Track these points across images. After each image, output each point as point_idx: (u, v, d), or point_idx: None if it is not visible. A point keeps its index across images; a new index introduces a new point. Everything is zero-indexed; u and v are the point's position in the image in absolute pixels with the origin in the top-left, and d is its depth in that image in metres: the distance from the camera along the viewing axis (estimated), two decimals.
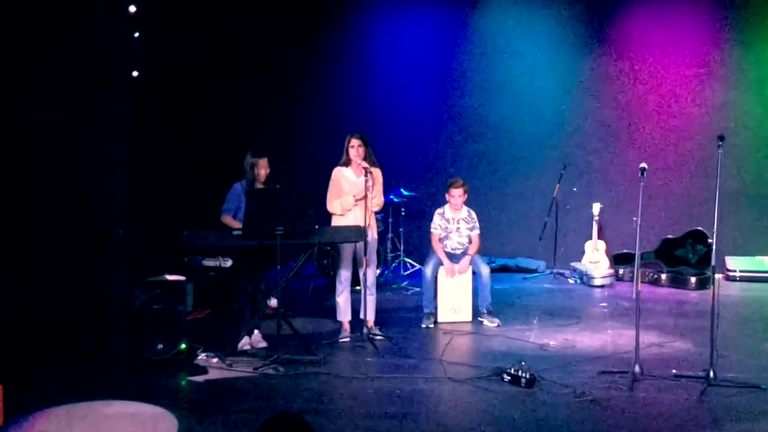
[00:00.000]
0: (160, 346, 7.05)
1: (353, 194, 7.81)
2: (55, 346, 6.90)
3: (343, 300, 8.01)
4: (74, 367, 6.81)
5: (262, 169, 7.53)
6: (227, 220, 7.47)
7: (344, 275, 7.98)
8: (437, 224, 8.78)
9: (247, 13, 11.86)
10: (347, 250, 7.94)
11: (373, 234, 7.98)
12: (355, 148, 7.80)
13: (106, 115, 7.64)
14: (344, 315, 8.02)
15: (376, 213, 8.12)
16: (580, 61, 12.31)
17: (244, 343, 7.48)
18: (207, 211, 8.01)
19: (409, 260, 11.85)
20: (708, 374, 6.27)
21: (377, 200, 7.90)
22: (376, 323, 8.06)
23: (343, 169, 7.94)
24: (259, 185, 7.52)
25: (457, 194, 8.65)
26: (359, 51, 12.51)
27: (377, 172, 7.88)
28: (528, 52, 12.36)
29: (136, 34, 8.23)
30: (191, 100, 10.60)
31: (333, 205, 7.87)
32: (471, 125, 12.58)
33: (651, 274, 11.14)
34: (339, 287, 8.02)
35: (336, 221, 7.88)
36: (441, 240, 8.75)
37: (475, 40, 12.53)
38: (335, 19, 12.43)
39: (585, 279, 11.14)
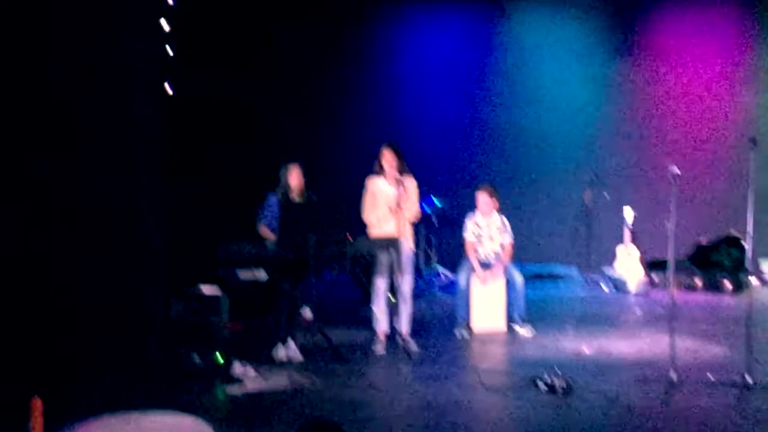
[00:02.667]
0: (196, 357, 7.13)
1: (388, 205, 7.83)
2: (92, 359, 6.98)
3: (379, 309, 8.02)
4: (111, 379, 6.87)
5: (293, 178, 7.58)
6: (263, 230, 7.54)
7: (380, 285, 7.99)
8: (470, 230, 8.81)
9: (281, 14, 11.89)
10: (383, 260, 7.95)
11: (409, 244, 7.99)
12: (388, 159, 7.82)
13: (137, 122, 7.71)
14: (380, 324, 8.03)
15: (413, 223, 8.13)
16: (609, 66, 12.31)
17: (280, 355, 7.54)
18: (242, 222, 8.08)
19: (442, 269, 11.85)
20: (745, 380, 6.23)
21: (412, 210, 7.93)
22: (410, 333, 8.08)
23: (377, 179, 7.95)
24: (293, 194, 7.57)
25: (483, 200, 8.69)
26: (389, 60, 12.58)
27: (411, 183, 7.90)
28: (557, 58, 12.38)
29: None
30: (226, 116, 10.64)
31: (370, 215, 7.90)
32: (502, 132, 12.62)
33: (686, 280, 11.06)
34: (375, 297, 8.04)
35: (372, 231, 7.92)
36: (474, 247, 8.77)
37: (505, 47, 12.58)
38: (362, 29, 12.50)
39: (619, 285, 11.08)
